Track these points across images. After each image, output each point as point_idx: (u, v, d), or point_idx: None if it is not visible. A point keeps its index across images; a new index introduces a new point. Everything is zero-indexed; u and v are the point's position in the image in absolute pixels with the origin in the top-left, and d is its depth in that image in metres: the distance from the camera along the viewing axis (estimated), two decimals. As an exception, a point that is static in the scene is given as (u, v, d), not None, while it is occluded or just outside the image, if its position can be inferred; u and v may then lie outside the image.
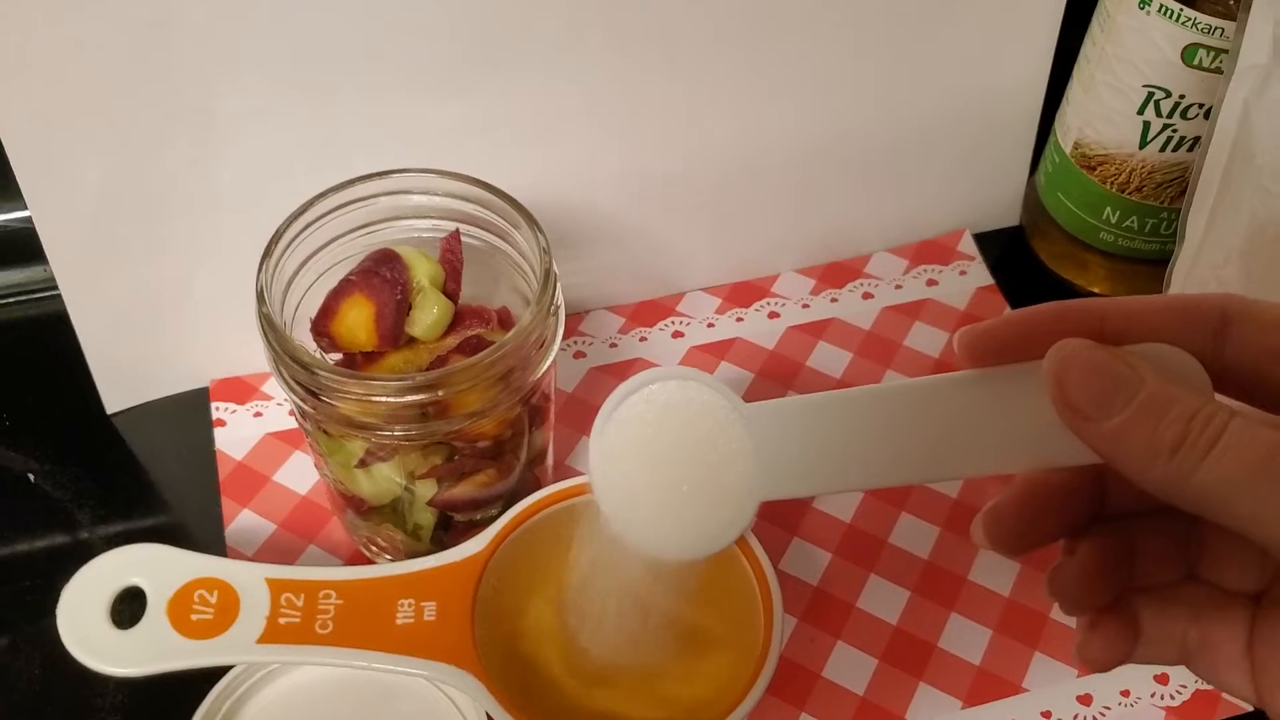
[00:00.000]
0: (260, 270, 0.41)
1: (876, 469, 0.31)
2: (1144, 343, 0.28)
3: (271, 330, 0.40)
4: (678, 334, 0.58)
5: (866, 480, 0.32)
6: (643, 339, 0.58)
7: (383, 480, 0.44)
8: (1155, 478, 0.25)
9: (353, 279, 0.43)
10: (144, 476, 0.54)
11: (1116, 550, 0.31)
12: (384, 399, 0.39)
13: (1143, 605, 0.31)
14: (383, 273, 0.43)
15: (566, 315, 0.55)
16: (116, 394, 0.54)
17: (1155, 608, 0.31)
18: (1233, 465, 0.24)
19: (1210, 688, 0.46)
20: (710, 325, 0.58)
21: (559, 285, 0.43)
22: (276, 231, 0.42)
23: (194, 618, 0.41)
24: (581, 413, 0.55)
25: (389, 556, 0.49)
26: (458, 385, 0.40)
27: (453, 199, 0.44)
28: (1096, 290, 0.59)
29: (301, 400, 0.41)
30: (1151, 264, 0.56)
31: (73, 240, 0.49)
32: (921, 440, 0.30)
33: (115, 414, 0.55)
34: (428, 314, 0.43)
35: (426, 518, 0.45)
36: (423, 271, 0.43)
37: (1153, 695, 0.46)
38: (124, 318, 0.52)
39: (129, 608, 0.40)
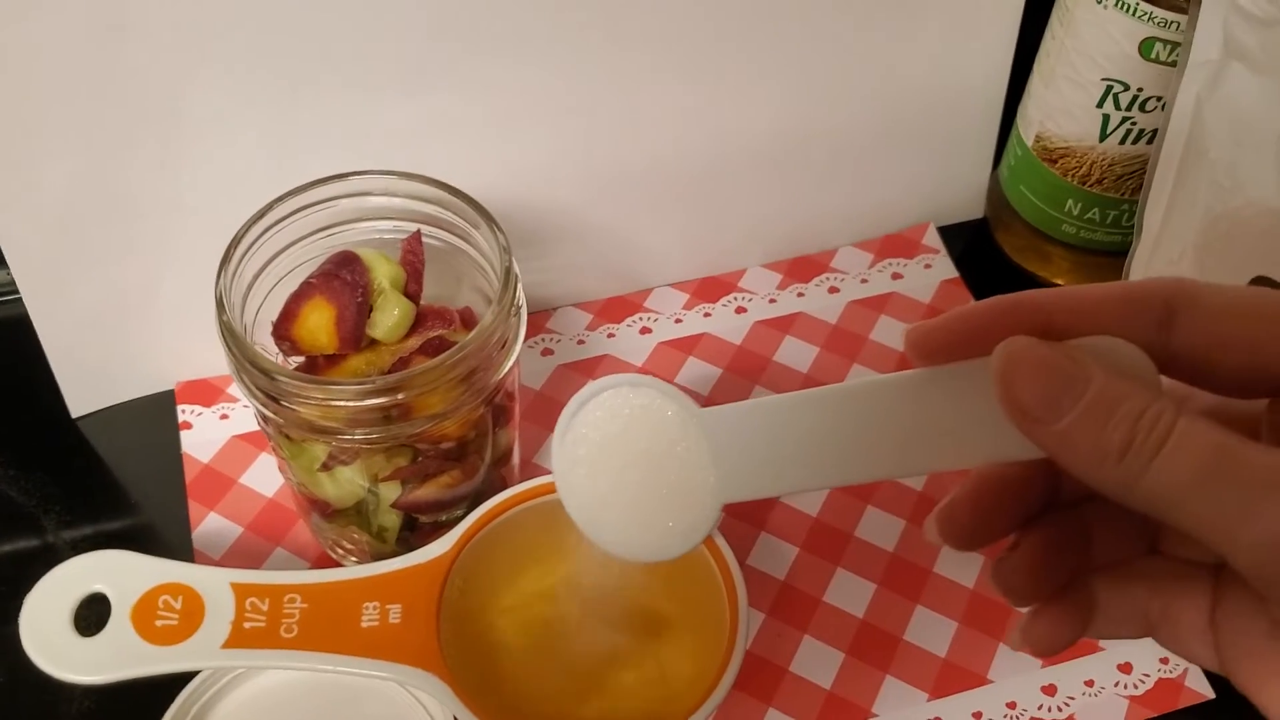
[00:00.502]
0: (219, 277, 0.41)
1: (833, 469, 0.31)
2: (1091, 336, 0.27)
3: (231, 337, 0.40)
4: (645, 330, 0.58)
5: (824, 480, 0.32)
6: (610, 335, 0.58)
7: (346, 483, 0.44)
8: (1104, 480, 0.25)
9: (313, 282, 0.43)
10: (110, 480, 0.53)
11: (1065, 538, 0.31)
12: (345, 403, 0.39)
13: (1101, 583, 0.31)
14: (343, 275, 0.43)
15: (533, 312, 0.55)
16: (81, 397, 0.54)
17: (1114, 584, 0.31)
18: (1179, 469, 0.24)
19: (1173, 677, 0.47)
20: (678, 321, 0.58)
21: (520, 284, 0.43)
22: (235, 236, 0.42)
23: (159, 624, 0.41)
24: (549, 410, 0.55)
25: (355, 558, 0.49)
26: (419, 387, 0.40)
27: (413, 200, 0.44)
28: (1059, 281, 0.60)
29: (263, 406, 0.41)
30: (1113, 255, 0.56)
31: (35, 244, 0.49)
32: (876, 439, 0.30)
33: (80, 417, 0.55)
34: (389, 316, 0.43)
35: (391, 520, 0.45)
36: (383, 273, 0.43)
37: (1116, 685, 0.47)
38: (88, 321, 0.52)
39: (93, 615, 0.40)
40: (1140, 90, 0.51)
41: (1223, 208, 0.41)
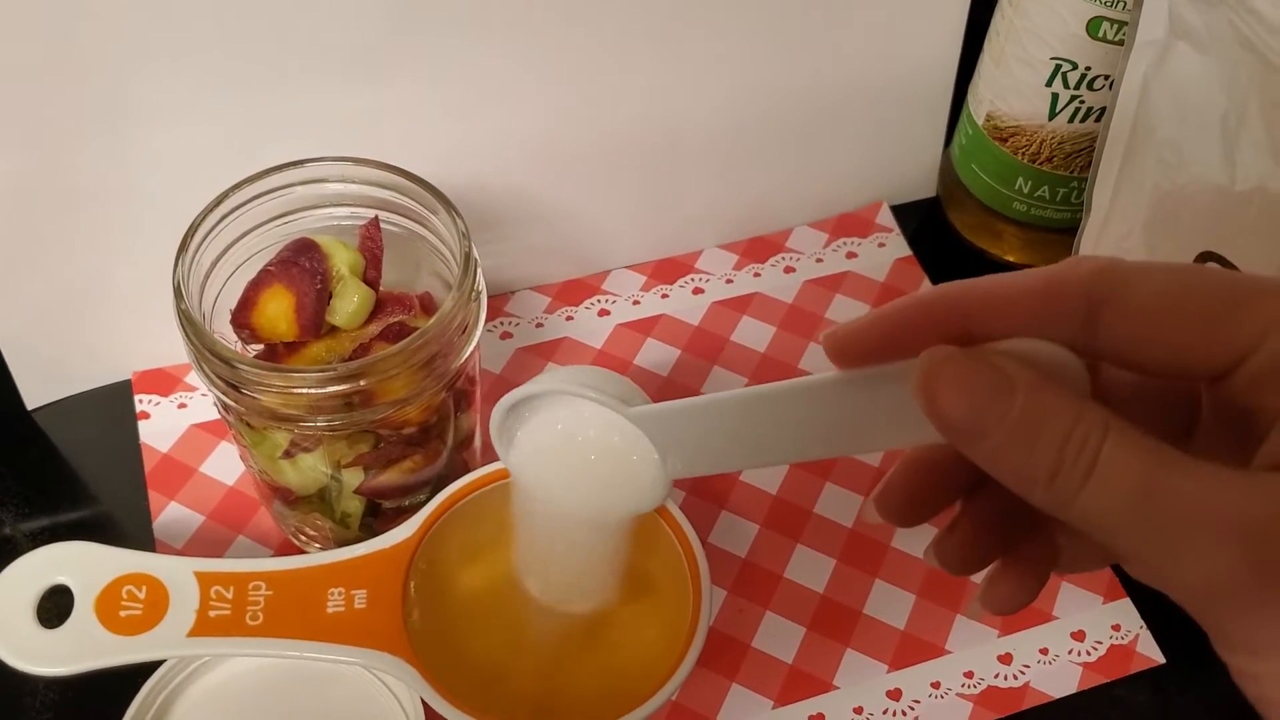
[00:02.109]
0: (176, 265, 0.41)
1: (763, 457, 0.32)
2: (1015, 338, 0.26)
3: (190, 326, 0.40)
4: (604, 312, 0.58)
5: (755, 462, 0.33)
6: (569, 318, 0.58)
7: (309, 470, 0.44)
8: (1037, 502, 0.24)
9: (271, 269, 0.43)
10: (68, 472, 0.53)
11: (1004, 507, 0.30)
12: (306, 390, 0.39)
13: (1058, 528, 0.30)
14: (301, 262, 0.43)
15: (491, 296, 0.55)
16: (36, 389, 0.54)
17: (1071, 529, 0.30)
18: (1109, 498, 0.23)
19: (1125, 643, 0.48)
20: (636, 303, 0.59)
21: (480, 269, 0.43)
22: (192, 224, 0.42)
23: (123, 614, 0.41)
24: (509, 394, 0.55)
25: (319, 545, 0.49)
26: (381, 374, 0.40)
27: (369, 186, 0.44)
28: (1011, 259, 0.61)
29: (223, 394, 0.40)
30: (1063, 232, 0.57)
31: (-15, 234, 0.48)
32: (804, 433, 0.30)
33: (36, 409, 0.54)
34: (348, 302, 0.43)
35: (354, 505, 0.46)
36: (342, 260, 0.43)
37: (1070, 652, 0.48)
38: (42, 311, 0.51)
39: (55, 607, 0.40)
40: (1088, 69, 0.52)
41: (1170, 185, 0.42)
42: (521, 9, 0.49)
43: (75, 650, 0.40)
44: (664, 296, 0.59)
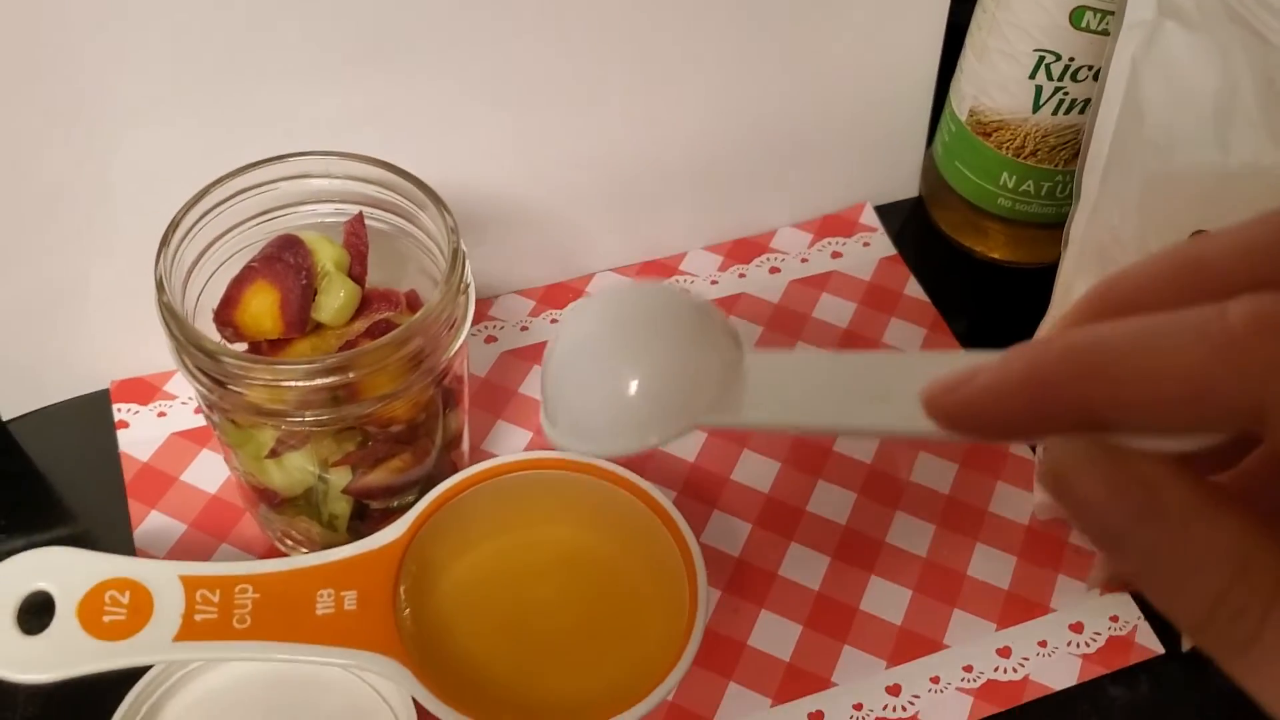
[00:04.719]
0: (159, 259, 0.40)
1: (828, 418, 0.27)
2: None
3: (173, 319, 0.39)
4: (588, 315, 0.58)
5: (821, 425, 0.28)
6: (554, 321, 0.57)
7: (295, 470, 0.43)
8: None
9: (255, 266, 0.42)
10: (46, 483, 0.52)
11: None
12: (293, 383, 0.39)
13: None
14: (286, 258, 0.42)
15: (475, 300, 0.54)
16: (12, 399, 0.53)
17: None
18: (1266, 681, 0.19)
19: (1123, 634, 0.48)
20: (620, 305, 0.58)
21: (468, 264, 0.42)
22: (173, 219, 0.41)
23: (106, 619, 0.40)
24: (495, 397, 0.54)
25: (304, 550, 0.48)
26: (368, 367, 0.39)
27: (355, 181, 0.44)
28: (996, 256, 0.60)
29: (208, 390, 0.40)
30: (1049, 228, 0.57)
31: (-45, 241, 0.47)
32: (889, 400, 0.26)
33: (11, 420, 0.53)
34: (334, 298, 0.42)
35: (342, 507, 0.45)
36: (327, 256, 0.43)
37: (1069, 644, 0.47)
38: (16, 320, 0.50)
39: (37, 613, 0.39)
40: (1072, 60, 0.52)
41: (1161, 167, 0.42)
42: (500, 17, 0.49)
43: (57, 657, 0.39)
44: (649, 298, 0.59)
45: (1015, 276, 0.61)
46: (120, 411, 0.53)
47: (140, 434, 0.52)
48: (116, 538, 0.49)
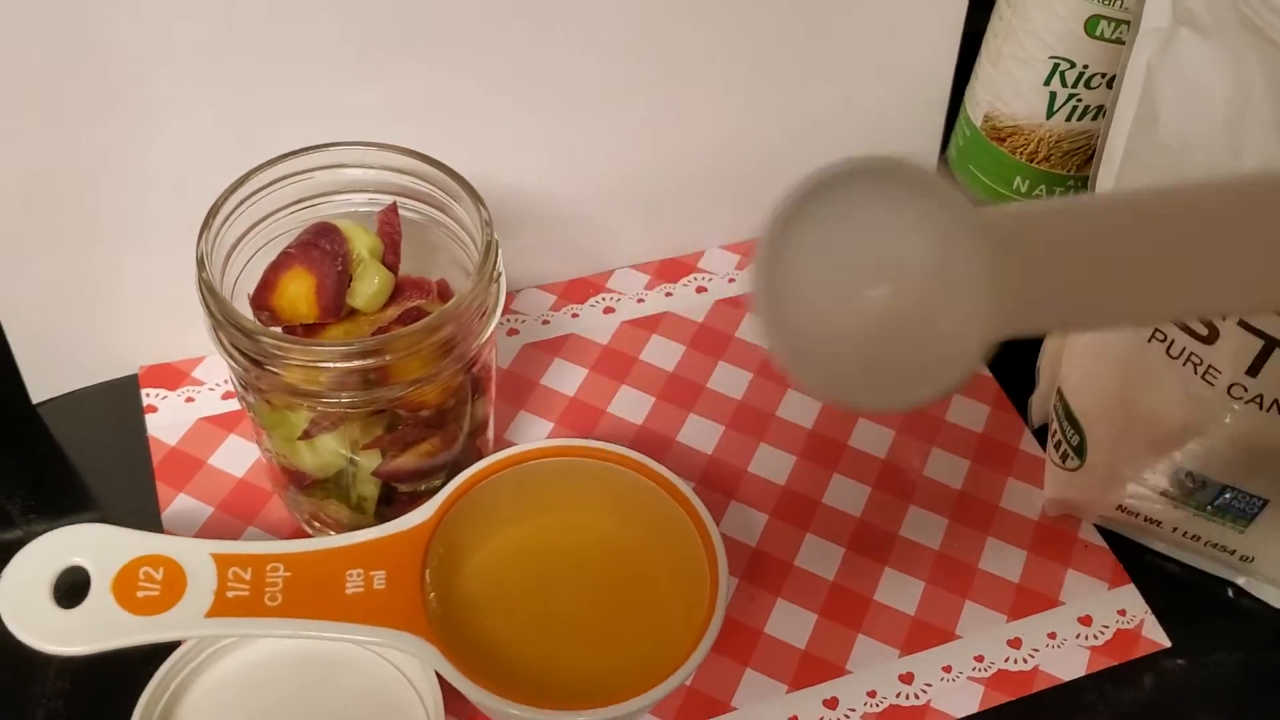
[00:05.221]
0: (200, 239, 0.41)
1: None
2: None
3: (212, 296, 0.40)
4: (609, 310, 0.59)
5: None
6: (574, 315, 0.59)
7: (326, 453, 0.44)
8: None
9: (291, 252, 0.43)
10: (75, 466, 0.53)
11: None
12: (329, 364, 0.40)
13: None
14: (322, 245, 0.43)
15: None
16: (43, 383, 0.54)
17: None
18: None
19: (1131, 627, 0.49)
20: (640, 301, 0.59)
21: (500, 254, 0.43)
22: (214, 204, 0.42)
23: (140, 595, 0.41)
24: (518, 388, 0.55)
25: (332, 533, 0.49)
26: (402, 351, 0.40)
27: (389, 172, 0.45)
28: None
29: (244, 370, 0.41)
30: (1060, 231, 0.58)
31: (-7, 225, 0.48)
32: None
33: (42, 403, 0.54)
34: (369, 285, 0.43)
35: (370, 489, 0.46)
36: (362, 243, 0.44)
37: (1078, 636, 0.48)
38: (49, 304, 0.51)
39: (73, 588, 0.40)
40: (1086, 67, 0.53)
41: (1174, 172, 0.43)
42: (528, 13, 0.50)
43: (93, 630, 0.40)
44: (668, 295, 0.60)
45: (1026, 280, 0.62)
46: (149, 396, 0.54)
47: (168, 418, 0.53)
48: (145, 519, 0.50)
